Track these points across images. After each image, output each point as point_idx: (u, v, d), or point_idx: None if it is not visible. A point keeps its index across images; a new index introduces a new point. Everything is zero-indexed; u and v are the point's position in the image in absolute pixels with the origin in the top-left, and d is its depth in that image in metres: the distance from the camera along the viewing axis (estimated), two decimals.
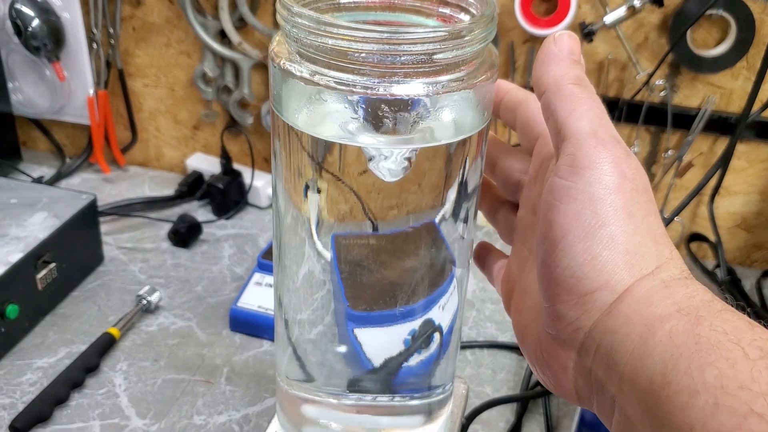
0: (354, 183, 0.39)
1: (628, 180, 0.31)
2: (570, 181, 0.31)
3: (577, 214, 0.31)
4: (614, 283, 0.30)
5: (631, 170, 0.31)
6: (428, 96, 0.36)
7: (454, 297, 0.47)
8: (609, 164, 0.31)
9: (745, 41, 0.79)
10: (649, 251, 0.30)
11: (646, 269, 0.30)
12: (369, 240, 0.42)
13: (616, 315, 0.29)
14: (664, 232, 0.32)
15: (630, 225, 0.30)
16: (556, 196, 0.32)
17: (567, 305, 0.31)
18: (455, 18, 0.42)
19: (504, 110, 0.42)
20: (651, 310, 0.29)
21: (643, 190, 0.32)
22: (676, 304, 0.28)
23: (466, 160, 0.41)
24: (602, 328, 0.30)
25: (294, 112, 0.39)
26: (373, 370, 0.46)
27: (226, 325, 0.76)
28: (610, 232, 0.30)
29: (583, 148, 0.32)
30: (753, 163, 0.86)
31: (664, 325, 0.28)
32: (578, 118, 0.33)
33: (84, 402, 0.66)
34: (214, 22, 0.91)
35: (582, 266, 0.30)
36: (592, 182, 0.31)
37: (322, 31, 0.35)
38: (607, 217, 0.30)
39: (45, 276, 0.75)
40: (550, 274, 0.32)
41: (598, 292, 0.30)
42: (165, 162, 1.06)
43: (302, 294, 0.45)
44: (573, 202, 0.31)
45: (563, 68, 0.35)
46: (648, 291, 0.29)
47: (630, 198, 0.31)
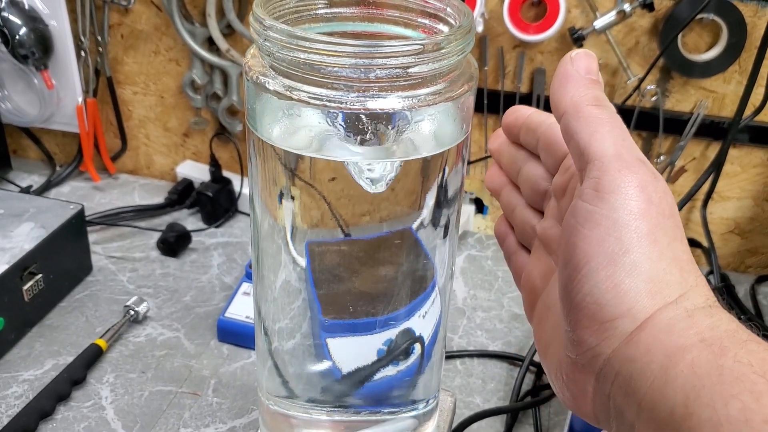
0: (324, 189, 0.39)
1: (654, 205, 0.30)
2: (594, 205, 0.31)
3: (601, 240, 0.30)
4: (636, 311, 0.29)
5: (658, 194, 0.31)
6: (405, 110, 0.36)
7: (436, 306, 0.46)
8: (634, 188, 0.30)
9: (736, 45, 0.78)
10: (673, 278, 0.30)
11: (670, 297, 0.30)
12: (341, 246, 0.42)
13: (636, 343, 0.29)
14: (690, 257, 0.31)
15: (654, 252, 0.30)
16: (579, 220, 0.31)
17: (588, 331, 0.31)
18: (435, 29, 0.41)
19: (525, 133, 0.41)
20: (673, 340, 0.28)
21: (669, 214, 0.31)
22: (699, 333, 0.28)
23: (445, 167, 0.40)
24: (622, 356, 0.29)
25: (268, 126, 0.38)
26: (341, 379, 0.45)
27: (214, 335, 0.75)
28: (634, 260, 0.30)
29: (608, 171, 0.31)
30: (746, 168, 0.86)
31: (686, 356, 0.27)
32: (600, 140, 0.32)
33: (69, 415, 0.65)
34: (201, 29, 0.90)
35: (604, 293, 0.30)
36: (617, 207, 0.30)
37: (294, 45, 0.34)
38: (632, 243, 0.30)
39: (31, 287, 0.74)
40: (571, 300, 0.31)
41: (620, 320, 0.30)
42: (155, 170, 1.05)
43: (280, 303, 0.45)
44: (597, 227, 0.30)
45: (581, 89, 0.34)
46: (670, 320, 0.29)
47: (656, 224, 0.30)
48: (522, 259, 0.42)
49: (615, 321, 0.30)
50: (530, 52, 0.84)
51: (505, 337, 0.77)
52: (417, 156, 0.38)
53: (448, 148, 0.39)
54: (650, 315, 0.29)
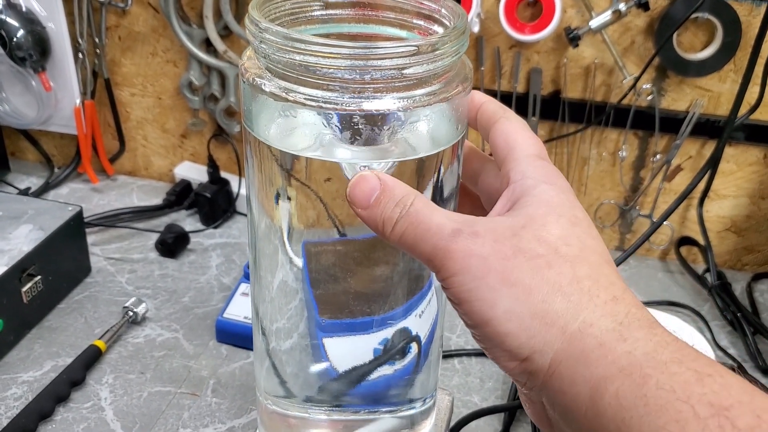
0: (320, 189, 0.39)
1: (489, 258, 0.31)
2: (449, 293, 0.32)
3: (471, 311, 0.31)
4: (540, 347, 0.30)
5: (487, 247, 0.31)
6: (400, 111, 0.36)
7: (432, 305, 0.46)
8: (462, 261, 0.31)
9: (731, 44, 0.79)
10: (560, 306, 0.30)
11: (568, 326, 0.30)
12: (337, 246, 0.42)
13: (559, 377, 0.29)
14: (573, 278, 0.31)
15: (520, 292, 0.30)
16: (453, 304, 0.33)
17: (514, 371, 0.31)
18: (430, 30, 0.41)
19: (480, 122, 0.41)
20: (592, 371, 0.28)
21: (513, 254, 0.31)
22: (615, 362, 0.28)
23: (441, 166, 0.40)
24: (552, 388, 0.30)
25: (264, 127, 0.38)
26: (337, 379, 0.46)
27: (212, 336, 0.76)
28: (505, 308, 0.30)
29: (440, 268, 0.32)
30: (742, 166, 0.86)
31: (609, 387, 0.27)
32: (421, 249, 0.33)
33: (69, 416, 0.66)
34: (199, 30, 0.90)
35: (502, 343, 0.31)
36: (464, 282, 0.31)
37: (290, 47, 0.34)
38: (493, 299, 0.31)
39: (30, 289, 0.74)
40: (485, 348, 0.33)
41: (532, 357, 0.30)
42: (153, 171, 1.05)
43: (277, 304, 0.45)
44: (463, 303, 0.32)
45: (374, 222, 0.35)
46: (583, 351, 0.29)
47: (503, 270, 0.31)
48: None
49: (528, 360, 0.30)
50: (526, 52, 0.84)
51: None
52: (412, 156, 0.38)
53: (443, 149, 0.40)
54: (558, 347, 0.30)
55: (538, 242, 0.31)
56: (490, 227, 0.32)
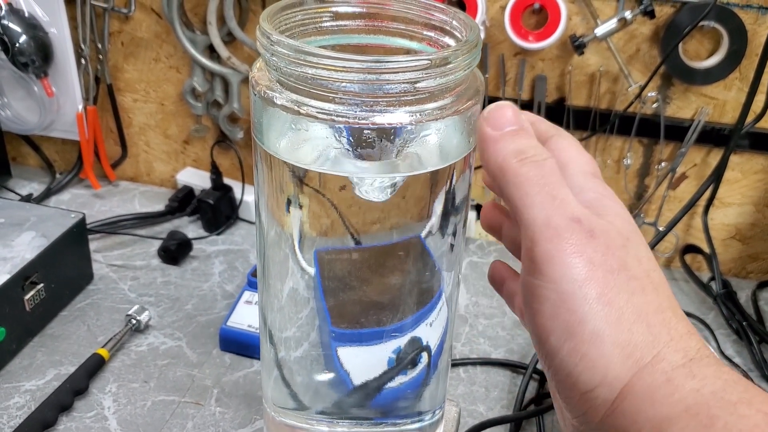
0: (335, 197, 0.39)
1: (597, 265, 0.29)
2: (536, 279, 0.30)
3: (554, 314, 0.29)
4: (611, 379, 0.28)
5: (599, 252, 0.29)
6: (412, 124, 0.36)
7: (442, 314, 0.46)
8: (571, 256, 0.29)
9: (737, 52, 0.78)
10: (641, 338, 0.28)
11: (643, 359, 0.28)
12: (351, 255, 0.42)
13: (621, 414, 0.28)
14: (658, 307, 0.29)
15: (612, 314, 0.28)
16: (527, 295, 0.30)
17: (572, 401, 0.30)
18: (440, 42, 0.41)
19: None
20: (657, 411, 0.27)
21: (618, 268, 0.29)
22: (682, 401, 0.26)
23: (453, 174, 0.40)
24: (610, 425, 0.28)
25: (275, 140, 0.38)
26: (353, 391, 0.45)
27: (216, 344, 0.75)
28: (593, 328, 0.28)
29: (539, 242, 0.29)
30: (747, 175, 0.86)
31: (672, 428, 0.26)
32: (530, 205, 0.30)
33: (72, 426, 0.65)
34: (202, 37, 0.90)
35: (574, 366, 0.29)
36: (557, 279, 0.29)
37: (302, 61, 0.34)
38: (584, 312, 0.28)
39: (33, 297, 0.74)
40: (548, 372, 0.30)
41: (598, 389, 0.28)
42: (155, 177, 1.05)
43: (287, 312, 0.45)
44: (545, 301, 0.29)
45: (501, 148, 0.33)
46: (649, 387, 0.27)
47: (605, 284, 0.29)
48: None
49: (593, 391, 0.28)
50: (531, 60, 0.84)
51: (508, 344, 0.77)
52: (423, 170, 0.38)
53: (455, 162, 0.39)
54: (627, 381, 0.28)
55: (638, 262, 0.30)
56: (605, 229, 0.30)
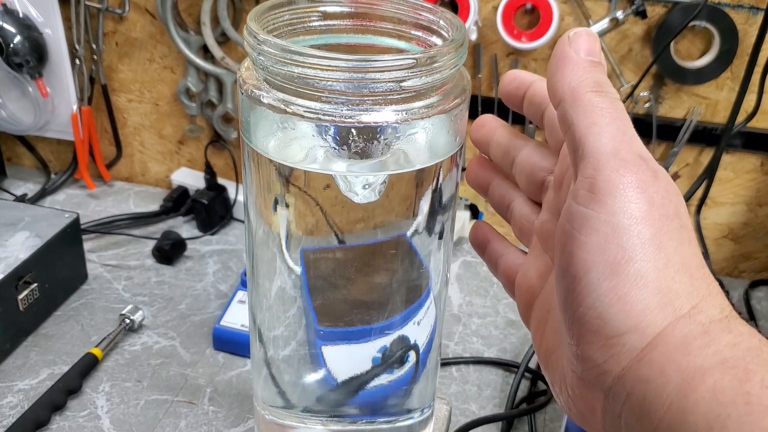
0: (319, 197, 0.39)
1: (656, 206, 0.28)
2: (590, 209, 0.28)
3: (601, 248, 0.27)
4: (645, 325, 0.27)
5: (660, 194, 0.28)
6: (398, 123, 0.36)
7: (431, 312, 0.46)
8: (634, 190, 0.27)
9: (728, 52, 0.79)
10: (683, 288, 0.27)
11: (681, 309, 0.27)
12: (335, 253, 0.42)
13: (649, 363, 0.27)
14: (701, 261, 0.28)
15: (661, 259, 0.27)
16: (575, 225, 0.28)
17: (593, 347, 0.28)
18: (428, 41, 0.41)
19: (528, 105, 0.37)
20: (690, 360, 0.26)
21: (674, 215, 0.28)
22: (718, 353, 0.25)
23: (439, 173, 0.40)
24: (634, 376, 0.27)
25: (263, 139, 0.38)
26: (336, 388, 0.45)
27: (209, 343, 0.75)
28: (638, 269, 0.27)
29: (603, 170, 0.28)
30: (739, 174, 0.86)
31: (706, 379, 0.25)
32: (598, 133, 0.29)
33: (65, 425, 0.65)
34: (196, 37, 0.90)
35: (608, 307, 0.27)
36: (616, 211, 0.27)
37: (288, 60, 0.34)
38: (635, 250, 0.27)
39: (26, 296, 0.74)
40: (572, 313, 0.28)
41: (628, 335, 0.27)
42: (150, 177, 1.05)
43: (275, 311, 0.45)
44: (595, 233, 0.27)
45: (580, 73, 0.30)
46: (685, 337, 0.26)
47: (659, 227, 0.27)
48: (512, 260, 0.39)
49: (622, 337, 0.27)
50: (524, 60, 0.84)
51: (501, 343, 0.78)
52: (410, 168, 0.38)
53: (441, 160, 0.40)
54: (661, 330, 0.27)
55: (686, 216, 0.29)
56: (666, 175, 0.29)
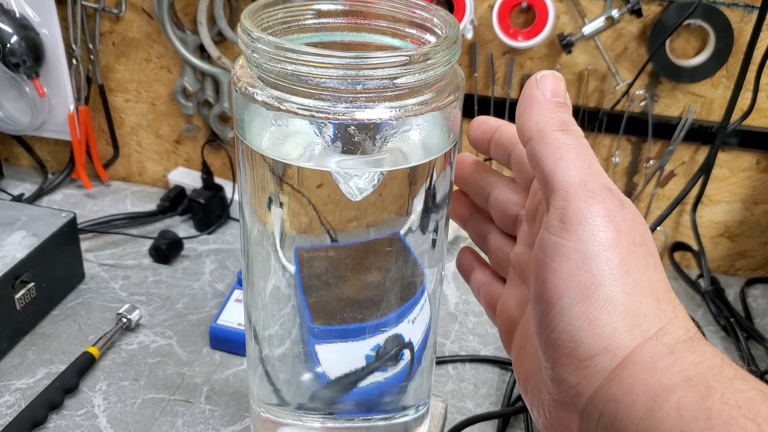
0: (312, 195, 0.39)
1: (623, 234, 0.29)
2: (561, 237, 0.30)
3: (572, 274, 0.29)
4: (615, 347, 0.28)
5: (627, 223, 0.30)
6: (392, 120, 0.36)
7: (425, 311, 0.46)
8: (602, 219, 0.29)
9: (724, 50, 0.79)
10: (650, 311, 0.29)
11: (649, 331, 0.28)
12: (328, 252, 0.42)
13: (619, 382, 0.28)
14: (667, 286, 0.30)
15: (629, 283, 0.29)
16: (547, 253, 0.30)
17: (567, 369, 0.30)
18: (422, 39, 0.41)
19: (495, 148, 0.40)
20: (656, 379, 0.27)
21: (640, 242, 0.30)
22: (683, 372, 0.27)
23: (433, 171, 0.40)
24: (605, 395, 0.28)
25: (257, 136, 0.38)
26: (329, 386, 0.46)
27: (206, 342, 0.76)
28: (608, 293, 0.28)
29: (572, 201, 0.30)
30: (735, 172, 0.86)
31: (671, 397, 0.26)
32: (565, 168, 0.31)
33: (62, 424, 0.65)
34: (193, 36, 0.91)
35: (580, 330, 0.29)
36: (585, 239, 0.29)
37: (282, 57, 0.34)
38: (603, 276, 0.29)
39: (23, 296, 0.74)
40: (547, 337, 0.30)
41: (599, 357, 0.29)
42: (147, 177, 1.05)
43: (270, 310, 0.45)
44: (566, 261, 0.29)
45: (546, 113, 0.33)
46: (652, 357, 0.28)
47: (627, 253, 0.29)
48: (494, 290, 0.41)
49: (594, 359, 0.29)
50: (520, 59, 0.85)
51: (497, 341, 0.78)
52: (405, 165, 0.38)
53: (435, 157, 0.40)
54: (630, 351, 0.28)
55: (652, 243, 0.31)
56: (631, 204, 0.31)
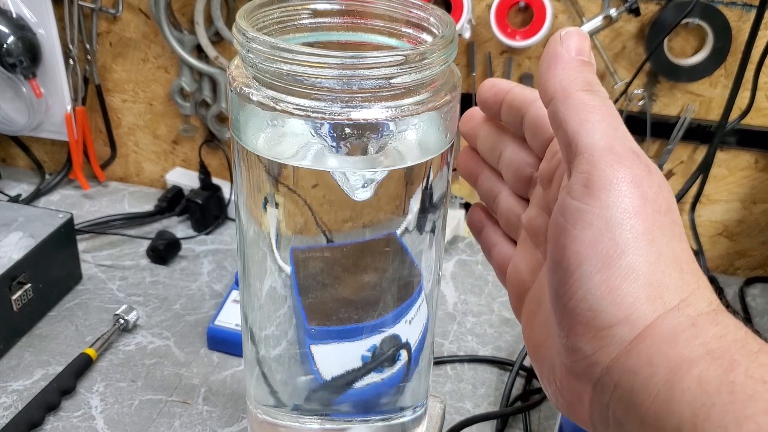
0: (307, 195, 0.39)
1: (649, 201, 0.28)
2: (584, 203, 0.28)
3: (594, 241, 0.28)
4: (635, 317, 0.27)
5: (653, 189, 0.28)
6: (388, 120, 0.36)
7: (422, 312, 0.46)
8: (628, 184, 0.28)
9: (722, 49, 0.79)
10: (673, 282, 0.28)
11: (671, 302, 0.27)
12: (324, 253, 0.42)
13: (637, 354, 0.27)
14: (691, 256, 0.29)
15: (652, 253, 0.28)
16: (569, 219, 0.29)
17: (583, 339, 0.29)
18: (419, 38, 0.41)
19: (507, 111, 0.38)
20: (677, 351, 0.26)
21: (666, 210, 0.29)
22: (705, 344, 0.26)
23: (429, 172, 0.40)
24: (622, 367, 0.28)
25: (252, 137, 0.38)
26: (325, 386, 0.45)
27: (204, 343, 0.75)
28: (630, 262, 0.27)
29: (598, 165, 0.28)
30: (733, 171, 0.86)
31: (692, 370, 0.25)
32: (591, 130, 0.29)
33: (59, 425, 0.65)
34: (190, 36, 0.90)
35: (599, 299, 0.28)
36: (610, 205, 0.28)
37: (277, 57, 0.34)
38: (627, 244, 0.28)
39: (20, 297, 0.74)
40: (564, 306, 0.29)
41: (617, 327, 0.28)
42: (145, 177, 1.05)
43: (266, 311, 0.45)
44: (588, 227, 0.28)
45: (571, 72, 0.31)
46: (673, 328, 0.27)
47: (652, 222, 0.28)
48: (505, 251, 0.39)
49: (612, 328, 0.28)
50: (518, 58, 0.84)
51: (496, 341, 0.78)
52: (401, 165, 0.38)
53: (432, 157, 0.39)
54: (650, 322, 0.27)
55: (677, 211, 0.30)
56: (658, 170, 0.29)
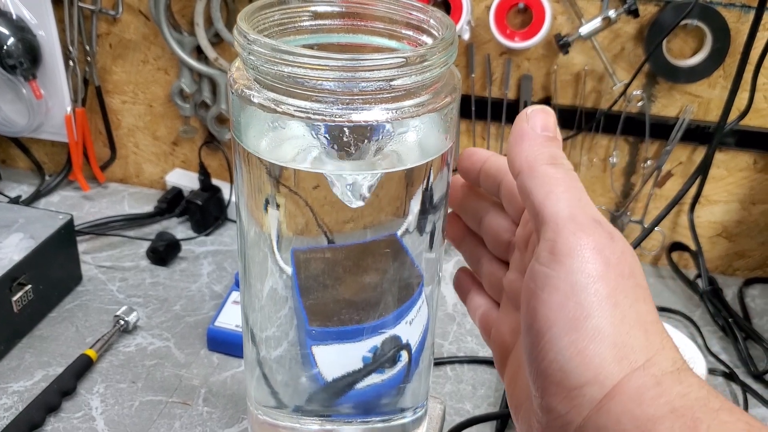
0: (308, 197, 0.39)
1: (612, 266, 0.30)
2: (551, 269, 0.30)
3: (561, 305, 0.30)
4: (603, 377, 0.29)
5: (615, 255, 0.30)
6: (388, 122, 0.36)
7: (423, 312, 0.46)
8: (590, 251, 0.30)
9: (720, 50, 0.79)
10: (638, 342, 0.29)
11: (636, 362, 0.29)
12: (325, 254, 0.42)
13: (606, 413, 0.29)
14: (655, 317, 0.31)
15: (616, 315, 0.29)
16: (538, 284, 0.31)
17: (556, 398, 0.30)
18: (419, 40, 0.41)
19: (485, 179, 0.40)
20: (643, 410, 0.28)
21: (629, 274, 0.30)
22: (669, 403, 0.28)
23: (430, 172, 0.40)
24: (594, 425, 0.29)
25: (254, 139, 0.38)
26: (326, 388, 0.46)
27: (204, 344, 0.75)
28: (596, 324, 0.29)
29: (562, 233, 0.31)
30: (732, 172, 0.86)
31: (658, 428, 0.27)
32: (555, 200, 0.31)
33: (60, 426, 0.65)
34: (190, 38, 0.90)
35: (569, 360, 0.29)
36: (574, 270, 0.30)
37: (278, 59, 0.34)
38: (592, 307, 0.29)
39: (21, 298, 0.74)
40: (537, 367, 0.31)
41: (587, 387, 0.29)
42: (144, 178, 1.05)
43: (267, 312, 0.45)
44: (555, 292, 0.30)
45: (536, 148, 0.34)
46: (639, 388, 0.28)
47: (615, 285, 0.30)
48: (489, 313, 0.42)
49: (582, 388, 0.29)
50: (517, 59, 0.85)
51: None
52: (401, 167, 0.38)
53: (432, 159, 0.40)
54: (618, 382, 0.29)
55: (641, 275, 0.31)
56: (621, 237, 0.31)
